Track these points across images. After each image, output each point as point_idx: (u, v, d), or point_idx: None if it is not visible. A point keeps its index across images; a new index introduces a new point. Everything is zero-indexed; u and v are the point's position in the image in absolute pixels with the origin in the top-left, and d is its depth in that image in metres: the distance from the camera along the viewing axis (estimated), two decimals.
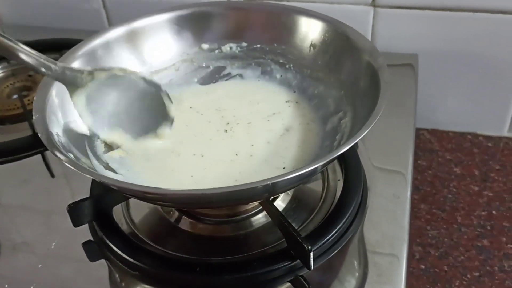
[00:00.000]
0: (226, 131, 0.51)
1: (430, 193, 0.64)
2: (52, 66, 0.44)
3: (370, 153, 0.55)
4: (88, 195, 0.49)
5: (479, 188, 0.65)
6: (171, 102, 0.50)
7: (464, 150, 0.70)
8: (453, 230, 0.60)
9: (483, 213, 0.62)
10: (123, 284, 0.45)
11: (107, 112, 0.48)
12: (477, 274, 0.55)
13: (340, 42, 0.50)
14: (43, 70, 0.43)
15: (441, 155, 0.70)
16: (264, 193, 0.41)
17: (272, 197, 0.46)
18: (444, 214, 0.62)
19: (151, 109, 0.50)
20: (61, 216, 0.48)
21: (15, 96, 0.70)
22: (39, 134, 0.41)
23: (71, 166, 0.38)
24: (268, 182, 0.36)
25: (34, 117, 0.43)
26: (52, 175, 0.58)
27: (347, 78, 0.49)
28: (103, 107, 0.48)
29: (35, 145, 0.59)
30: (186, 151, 0.49)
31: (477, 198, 0.64)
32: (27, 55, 0.42)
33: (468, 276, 0.55)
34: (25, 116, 0.64)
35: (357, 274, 0.44)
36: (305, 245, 0.40)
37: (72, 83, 0.46)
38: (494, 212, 0.62)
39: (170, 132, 0.50)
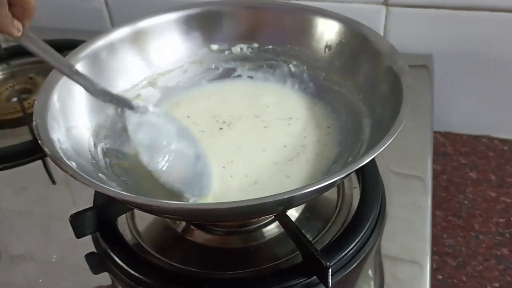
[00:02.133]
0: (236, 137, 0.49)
1: (445, 199, 0.62)
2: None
3: (387, 158, 0.52)
4: (90, 203, 0.47)
5: (496, 194, 0.63)
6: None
7: (479, 154, 0.68)
8: (470, 238, 0.58)
9: (501, 220, 0.60)
10: None
11: (161, 146, 0.45)
12: (497, 284, 0.53)
13: (357, 43, 0.48)
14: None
15: (455, 159, 0.68)
16: (279, 207, 0.39)
17: (287, 210, 0.44)
18: (460, 221, 0.60)
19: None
20: (63, 225, 0.46)
21: (14, 99, 0.68)
22: (39, 142, 0.39)
23: (72, 175, 0.36)
24: (284, 196, 0.34)
25: (34, 122, 0.41)
26: (53, 182, 0.56)
27: (365, 81, 0.46)
28: (156, 140, 0.45)
29: (35, 150, 0.57)
30: None
31: (494, 204, 0.61)
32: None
33: (488, 286, 0.53)
34: (25, 120, 0.62)
35: None
36: (323, 261, 0.38)
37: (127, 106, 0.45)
38: None
39: None
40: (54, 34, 0.74)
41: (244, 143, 0.48)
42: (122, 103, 0.44)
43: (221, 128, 0.50)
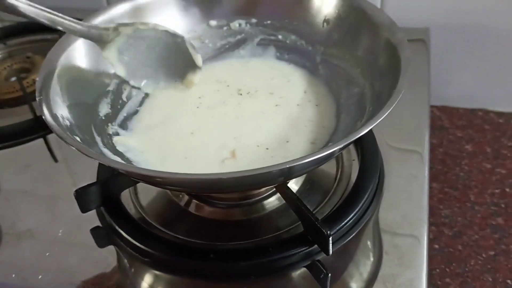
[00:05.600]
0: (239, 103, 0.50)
1: (441, 172, 0.63)
2: (78, 26, 0.45)
3: (385, 131, 0.53)
4: (92, 180, 0.48)
5: (491, 165, 0.64)
6: (196, 51, 0.51)
7: (475, 127, 0.69)
8: (466, 208, 0.59)
9: (496, 191, 0.61)
10: (133, 271, 0.44)
11: (138, 63, 0.50)
12: (492, 253, 0.54)
13: (356, 17, 0.48)
14: (70, 30, 0.45)
15: (451, 133, 0.68)
16: (279, 177, 0.39)
17: (287, 181, 0.45)
18: (456, 193, 0.61)
19: (178, 59, 0.51)
20: (67, 202, 0.47)
21: (13, 79, 0.68)
22: (43, 116, 0.39)
23: (80, 150, 0.36)
24: (284, 166, 0.34)
25: (37, 99, 0.41)
26: (55, 160, 0.56)
27: (364, 55, 0.47)
28: (133, 59, 0.50)
29: (36, 128, 0.57)
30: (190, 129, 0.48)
31: (489, 176, 0.63)
32: (53, 16, 0.44)
33: (484, 255, 0.54)
34: (25, 99, 0.62)
35: (375, 257, 0.43)
36: (323, 230, 0.39)
37: (100, 40, 0.47)
38: (507, 189, 0.61)
39: (197, 81, 0.52)
40: None
41: (248, 116, 0.49)
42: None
43: (224, 102, 0.50)
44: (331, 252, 0.40)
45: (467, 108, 0.72)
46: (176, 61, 0.51)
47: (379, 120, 0.36)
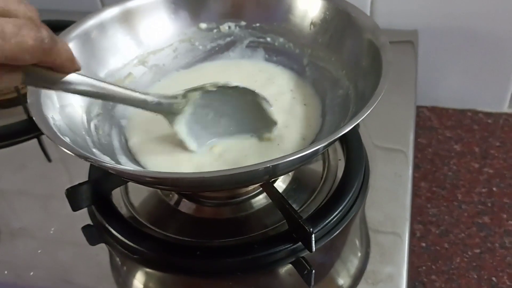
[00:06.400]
0: None
1: (430, 171, 0.64)
2: (148, 98, 0.42)
3: (371, 131, 0.54)
4: (86, 179, 0.49)
5: (479, 165, 0.65)
6: (270, 105, 0.46)
7: (464, 127, 0.70)
8: (453, 207, 0.60)
9: (483, 190, 0.62)
10: (124, 268, 0.45)
11: (210, 132, 0.47)
12: (478, 251, 0.55)
13: (341, 20, 0.49)
14: (139, 105, 0.42)
15: (441, 133, 0.69)
16: (264, 176, 0.40)
17: (272, 179, 0.46)
18: (444, 192, 0.62)
19: (252, 117, 0.46)
20: (60, 201, 0.47)
21: None
22: (33, 118, 0.40)
23: (67, 150, 0.37)
24: (269, 165, 0.35)
25: (28, 101, 0.42)
26: (49, 160, 0.57)
27: (348, 57, 0.48)
28: (204, 128, 0.46)
29: (30, 129, 0.58)
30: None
31: (477, 175, 0.63)
32: (120, 94, 0.40)
33: (469, 253, 0.55)
34: (19, 100, 0.63)
35: (359, 254, 0.44)
36: (306, 228, 0.40)
37: (170, 112, 0.44)
38: (494, 189, 0.62)
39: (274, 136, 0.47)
40: (45, 16, 0.74)
41: None
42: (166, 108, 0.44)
43: None
44: (314, 249, 0.41)
45: (457, 108, 0.72)
46: (250, 120, 0.46)
47: (360, 120, 0.37)
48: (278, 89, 0.52)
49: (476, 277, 0.53)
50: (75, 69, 0.35)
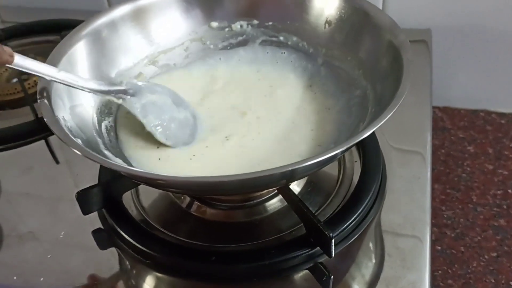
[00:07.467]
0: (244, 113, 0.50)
1: (443, 173, 0.63)
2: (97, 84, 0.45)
3: (387, 133, 0.53)
4: (94, 182, 0.48)
5: (493, 166, 0.64)
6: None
7: (477, 128, 0.69)
8: (468, 210, 0.59)
9: (498, 192, 0.61)
10: (135, 273, 0.44)
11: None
12: (494, 254, 0.54)
13: (358, 18, 0.48)
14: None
15: (453, 134, 0.68)
16: (281, 180, 0.39)
17: (289, 183, 0.45)
18: (459, 194, 0.61)
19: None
20: (69, 204, 0.47)
21: (14, 80, 0.67)
22: (45, 119, 0.39)
23: (82, 153, 0.36)
24: (287, 169, 0.34)
25: (39, 101, 0.41)
26: (57, 162, 0.56)
27: (366, 56, 0.47)
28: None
29: (38, 130, 0.57)
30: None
31: (492, 176, 0.62)
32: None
33: (486, 256, 0.54)
34: (26, 100, 0.62)
35: (378, 259, 0.43)
36: (326, 232, 0.39)
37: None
38: (509, 190, 0.61)
39: None
40: (53, 15, 0.74)
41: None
42: (115, 91, 0.46)
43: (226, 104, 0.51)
44: (333, 255, 0.40)
45: (469, 109, 0.71)
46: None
47: (381, 123, 0.36)
48: (291, 90, 0.51)
49: (493, 281, 0.52)
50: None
